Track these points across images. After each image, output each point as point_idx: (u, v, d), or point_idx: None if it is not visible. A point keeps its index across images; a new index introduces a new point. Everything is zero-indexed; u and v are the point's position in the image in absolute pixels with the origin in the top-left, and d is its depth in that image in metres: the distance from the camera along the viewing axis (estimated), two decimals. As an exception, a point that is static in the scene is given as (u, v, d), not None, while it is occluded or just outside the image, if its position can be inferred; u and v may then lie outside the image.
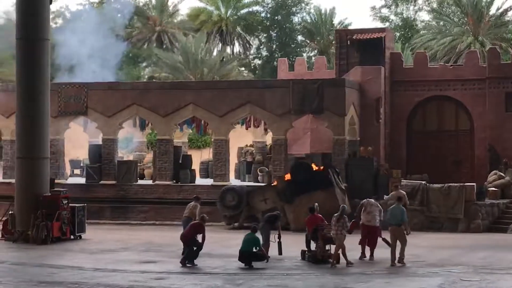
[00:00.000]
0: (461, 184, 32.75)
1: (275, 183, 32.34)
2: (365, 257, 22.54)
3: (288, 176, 32.18)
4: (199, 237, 21.50)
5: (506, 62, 39.37)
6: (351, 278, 18.91)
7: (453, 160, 38.57)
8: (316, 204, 24.45)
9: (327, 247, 21.94)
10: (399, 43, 63.11)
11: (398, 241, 21.31)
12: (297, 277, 19.09)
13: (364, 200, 23.28)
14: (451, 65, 41.38)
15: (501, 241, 28.18)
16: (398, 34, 69.88)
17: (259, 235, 21.29)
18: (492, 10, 63.15)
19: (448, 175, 36.81)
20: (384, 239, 22.36)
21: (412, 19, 74.99)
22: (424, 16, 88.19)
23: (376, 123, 36.70)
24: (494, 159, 36.94)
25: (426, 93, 39.07)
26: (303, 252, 22.49)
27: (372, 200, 23.40)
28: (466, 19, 63.70)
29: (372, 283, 18.10)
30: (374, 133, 36.59)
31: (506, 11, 63.45)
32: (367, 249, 22.63)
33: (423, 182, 33.18)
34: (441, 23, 66.67)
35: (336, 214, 21.77)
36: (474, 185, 32.69)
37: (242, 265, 20.66)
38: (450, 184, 32.50)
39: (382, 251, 24.16)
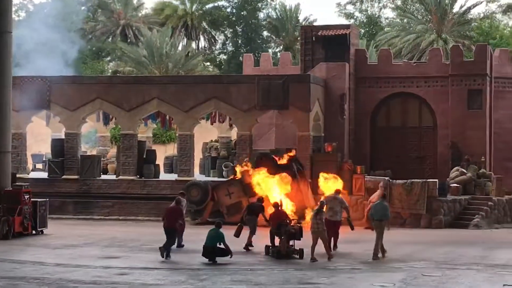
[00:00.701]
0: (424, 180, 33.07)
1: (238, 177, 32.37)
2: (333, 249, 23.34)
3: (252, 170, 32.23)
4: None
5: (469, 60, 39.76)
6: (315, 273, 18.98)
7: (416, 157, 38.89)
8: (280, 199, 24.51)
9: (291, 242, 22.02)
10: (363, 40, 63.40)
11: (377, 234, 22.16)
12: (261, 272, 19.12)
13: (327, 196, 24.09)
14: (415, 62, 41.69)
15: (463, 237, 28.49)
16: (363, 31, 70.24)
17: (223, 230, 21.30)
18: (456, 8, 63.80)
19: (411, 171, 37.11)
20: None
21: (376, 16, 75.44)
22: (389, 13, 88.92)
23: (341, 119, 36.85)
24: (456, 155, 37.31)
25: (390, 90, 39.31)
26: (267, 247, 22.55)
27: (337, 196, 24.11)
28: (430, 16, 64.23)
29: (335, 278, 18.19)
30: (338, 129, 36.74)
31: (469, 9, 64.10)
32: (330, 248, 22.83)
33: (386, 178, 33.43)
34: (405, 20, 67.15)
35: (315, 209, 22.39)
36: (436, 181, 33.02)
37: (206, 260, 20.64)
38: (413, 180, 32.79)
39: (345, 247, 24.31)
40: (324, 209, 22.36)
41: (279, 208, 23.04)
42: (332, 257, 21.65)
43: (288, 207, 25.81)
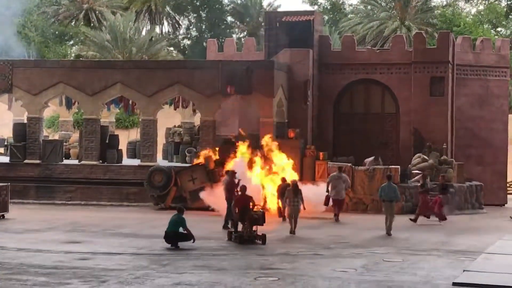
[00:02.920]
0: (386, 166, 33.27)
1: (201, 162, 32.34)
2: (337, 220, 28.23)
3: (216, 156, 32.25)
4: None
5: (432, 47, 39.98)
6: (277, 258, 19.04)
7: (379, 143, 39.09)
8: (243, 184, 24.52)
9: (254, 228, 22.05)
10: (327, 26, 63.54)
11: (387, 214, 24.65)
12: (223, 257, 19.13)
13: (332, 175, 29.02)
14: (378, 49, 41.84)
15: (423, 223, 28.73)
16: (326, 17, 70.37)
17: (186, 216, 21.25)
18: (419, -5, 64.09)
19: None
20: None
21: (340, 2, 75.59)
22: (352, 0, 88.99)
23: (304, 106, 36.90)
24: (418, 142, 37.57)
25: (353, 76, 39.42)
26: (229, 233, 22.55)
27: (341, 175, 28.80)
28: (393, 4, 64.51)
29: (297, 263, 18.25)
30: (302, 115, 36.77)
31: (432, -4, 64.50)
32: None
33: (349, 164, 33.58)
34: (369, 7, 67.37)
35: (289, 188, 25.02)
36: (398, 167, 33.24)
37: (168, 245, 20.60)
38: (375, 166, 32.97)
39: (307, 232, 24.42)
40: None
41: (245, 193, 22.97)
42: (292, 232, 24.15)
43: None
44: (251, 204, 22.41)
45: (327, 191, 29.01)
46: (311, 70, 37.78)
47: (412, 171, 34.13)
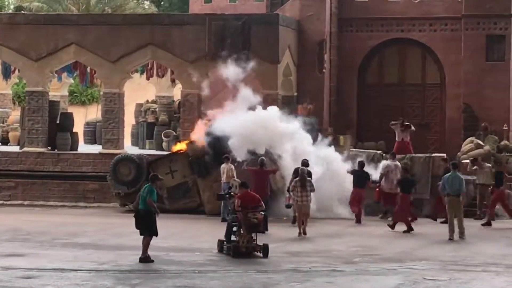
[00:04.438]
0: (428, 154, 33.29)
1: (183, 149, 32.38)
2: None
3: (202, 141, 32.25)
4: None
5: (489, -4, 39.93)
6: (283, 276, 19.09)
7: (418, 124, 39.06)
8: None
9: (253, 236, 22.08)
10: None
11: (453, 212, 25.90)
12: (212, 275, 19.19)
13: (387, 165, 30.10)
14: (417, -1, 41.84)
15: (478, 230, 28.76)
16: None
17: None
18: None
19: (411, 142, 37.31)
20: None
21: None
22: None
23: (319, 74, 36.91)
24: (471, 122, 37.58)
25: (384, 35, 39.40)
26: (220, 242, 22.59)
27: (396, 163, 30.01)
28: None
29: (310, 283, 18.29)
30: (316, 87, 36.80)
31: None
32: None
33: (379, 151, 33.61)
34: None
35: (296, 179, 26.06)
36: (444, 155, 33.25)
37: (137, 261, 20.62)
38: (413, 154, 33.00)
39: (324, 242, 24.50)
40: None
41: (249, 190, 22.90)
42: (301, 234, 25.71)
43: None
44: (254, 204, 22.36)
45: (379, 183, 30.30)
46: (329, 27, 37.76)
47: (463, 161, 34.14)
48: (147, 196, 20.72)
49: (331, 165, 30.70)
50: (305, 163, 28.14)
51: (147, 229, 20.68)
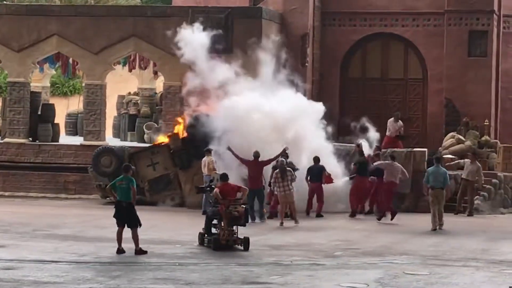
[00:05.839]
0: (409, 149, 33.34)
1: (164, 141, 32.36)
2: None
3: (184, 133, 32.26)
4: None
5: (472, -8, 39.97)
6: (263, 269, 19.09)
7: (400, 118, 39.10)
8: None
9: (234, 229, 22.08)
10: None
11: (435, 204, 26.57)
12: (193, 267, 19.17)
13: (384, 163, 29.63)
14: (400, -6, 41.81)
15: (458, 224, 28.86)
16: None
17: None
18: None
19: (392, 137, 37.39)
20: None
21: None
22: None
23: (302, 68, 36.91)
24: (452, 117, 37.62)
25: (367, 30, 39.42)
26: (201, 235, 22.59)
27: (395, 163, 29.32)
28: None
29: (291, 276, 18.29)
30: (298, 80, 36.75)
31: None
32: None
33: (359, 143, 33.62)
34: None
35: (276, 171, 26.79)
36: (425, 150, 33.31)
37: (117, 252, 20.59)
38: (394, 149, 33.03)
39: (305, 236, 24.51)
40: None
41: (228, 181, 22.87)
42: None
43: None
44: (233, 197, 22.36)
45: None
46: (312, 21, 37.75)
47: (444, 156, 34.20)
48: (129, 186, 20.63)
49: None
50: (317, 159, 29.42)
51: (132, 220, 20.62)
